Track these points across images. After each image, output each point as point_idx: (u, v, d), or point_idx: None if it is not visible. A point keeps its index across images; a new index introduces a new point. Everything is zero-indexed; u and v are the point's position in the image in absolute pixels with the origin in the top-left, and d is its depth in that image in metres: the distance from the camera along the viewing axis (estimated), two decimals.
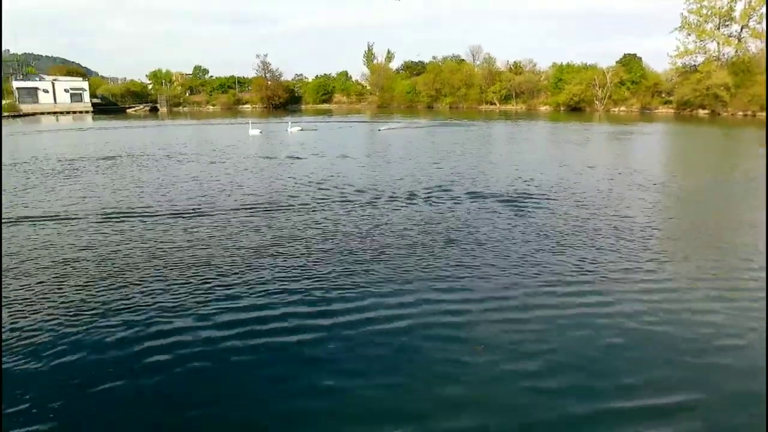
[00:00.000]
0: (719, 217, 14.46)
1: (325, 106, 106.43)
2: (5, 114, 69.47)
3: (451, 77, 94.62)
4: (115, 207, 14.97)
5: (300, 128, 43.22)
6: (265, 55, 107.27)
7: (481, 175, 20.35)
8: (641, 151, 32.43)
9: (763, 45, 69.74)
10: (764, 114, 62.19)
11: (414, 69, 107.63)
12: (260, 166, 23.70)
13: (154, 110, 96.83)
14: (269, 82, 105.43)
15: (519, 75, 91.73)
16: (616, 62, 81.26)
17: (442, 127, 49.27)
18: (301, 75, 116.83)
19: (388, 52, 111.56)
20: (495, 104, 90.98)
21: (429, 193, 16.99)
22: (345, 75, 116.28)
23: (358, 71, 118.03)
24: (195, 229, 12.47)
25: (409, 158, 26.29)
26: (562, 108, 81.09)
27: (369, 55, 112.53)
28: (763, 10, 69.01)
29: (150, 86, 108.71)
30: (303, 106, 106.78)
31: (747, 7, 70.04)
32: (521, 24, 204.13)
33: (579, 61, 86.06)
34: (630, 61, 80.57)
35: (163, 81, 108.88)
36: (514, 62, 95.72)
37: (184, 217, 13.69)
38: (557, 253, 10.57)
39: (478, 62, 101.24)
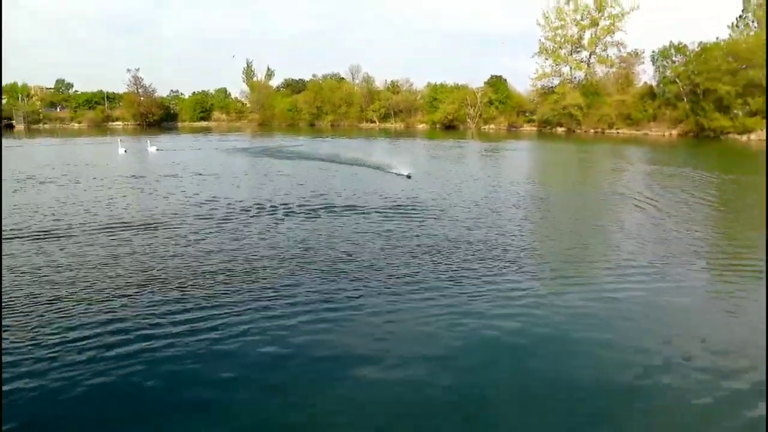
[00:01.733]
0: (583, 226, 16.28)
1: (203, 123, 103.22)
2: None
3: (332, 95, 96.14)
4: None
5: (156, 148, 42.68)
6: (137, 69, 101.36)
7: (363, 191, 21.06)
8: (511, 166, 35.21)
9: (608, 69, 78.66)
10: (612, 131, 69.89)
11: (295, 87, 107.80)
12: (124, 185, 23.23)
13: (9, 128, 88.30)
14: (142, 98, 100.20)
15: (396, 94, 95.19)
16: (485, 83, 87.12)
17: (323, 142, 49.92)
18: (177, 91, 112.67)
19: (268, 69, 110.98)
20: (375, 122, 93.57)
21: (308, 207, 17.43)
22: (224, 92, 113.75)
23: (237, 88, 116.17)
24: (56, 252, 11.90)
25: (276, 176, 26.53)
26: (437, 126, 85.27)
27: (248, 72, 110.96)
28: (608, 39, 78.04)
29: (4, 101, 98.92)
30: (179, 124, 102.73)
31: (593, 36, 78.77)
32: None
33: (452, 81, 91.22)
34: (496, 83, 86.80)
35: (20, 95, 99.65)
36: (392, 82, 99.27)
37: (45, 240, 12.96)
38: (434, 262, 11.41)
39: (357, 81, 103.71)
